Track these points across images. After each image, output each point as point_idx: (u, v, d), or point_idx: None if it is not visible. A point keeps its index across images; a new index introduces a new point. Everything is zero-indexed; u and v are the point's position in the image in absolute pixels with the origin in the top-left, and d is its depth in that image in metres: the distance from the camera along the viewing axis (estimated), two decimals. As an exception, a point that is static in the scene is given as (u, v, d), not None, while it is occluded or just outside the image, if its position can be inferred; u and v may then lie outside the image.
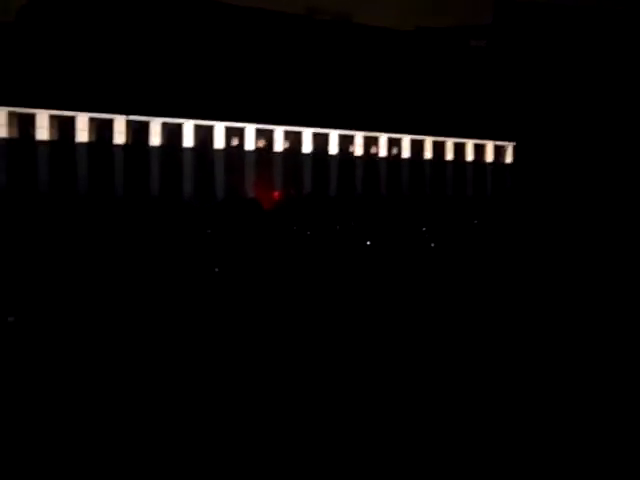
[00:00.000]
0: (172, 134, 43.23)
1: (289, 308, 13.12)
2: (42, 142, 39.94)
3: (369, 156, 48.43)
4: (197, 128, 43.57)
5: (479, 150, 51.84)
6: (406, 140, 49.14)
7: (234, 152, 44.54)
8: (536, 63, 50.11)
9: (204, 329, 11.21)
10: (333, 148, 47.09)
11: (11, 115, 39.64)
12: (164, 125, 42.84)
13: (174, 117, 42.70)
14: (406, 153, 49.25)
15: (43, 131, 39.97)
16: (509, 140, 51.61)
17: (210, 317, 12.18)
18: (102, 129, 41.65)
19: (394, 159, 49.28)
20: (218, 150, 44.00)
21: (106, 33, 42.13)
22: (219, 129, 43.90)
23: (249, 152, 44.73)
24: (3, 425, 7.05)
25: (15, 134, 39.81)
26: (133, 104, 41.58)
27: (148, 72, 42.69)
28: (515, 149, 51.33)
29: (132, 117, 41.73)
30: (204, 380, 8.54)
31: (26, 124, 40.14)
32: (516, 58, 51.31)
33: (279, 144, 45.35)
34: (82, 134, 40.93)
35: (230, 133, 44.41)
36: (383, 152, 48.77)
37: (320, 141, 46.83)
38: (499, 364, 9.37)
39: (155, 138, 42.58)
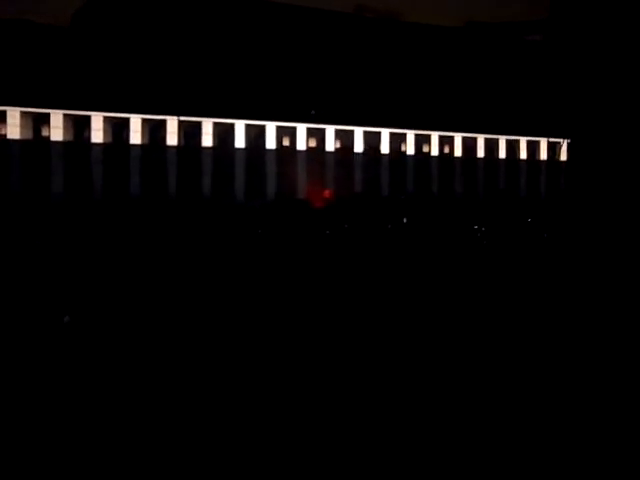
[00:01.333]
0: (224, 134, 43.63)
1: (332, 305, 13.19)
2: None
3: (421, 154, 48.16)
4: (248, 128, 43.88)
5: (533, 147, 51.15)
6: (458, 138, 48.72)
7: (286, 152, 44.76)
8: (593, 58, 49.14)
9: (250, 323, 11.36)
10: (384, 147, 46.95)
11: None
12: (215, 125, 43.26)
13: (226, 117, 43.07)
14: (458, 151, 48.87)
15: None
16: (564, 137, 50.78)
17: (260, 311, 12.33)
18: (155, 130, 42.27)
19: (445, 157, 48.94)
20: (270, 150, 44.25)
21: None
22: (270, 129, 44.16)
23: (301, 152, 44.87)
24: (6, 423, 7.27)
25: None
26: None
27: (196, 73, 43.15)
28: (570, 146, 50.47)
29: (183, 118, 42.24)
30: (221, 378, 8.69)
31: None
32: (572, 53, 50.41)
33: (330, 143, 45.41)
34: (136, 135, 41.58)
35: (281, 133, 44.65)
36: (435, 151, 48.44)
37: (372, 140, 46.73)
38: (556, 361, 9.33)
39: (207, 138, 43.04)
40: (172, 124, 42.17)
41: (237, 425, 7.27)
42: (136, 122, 41.56)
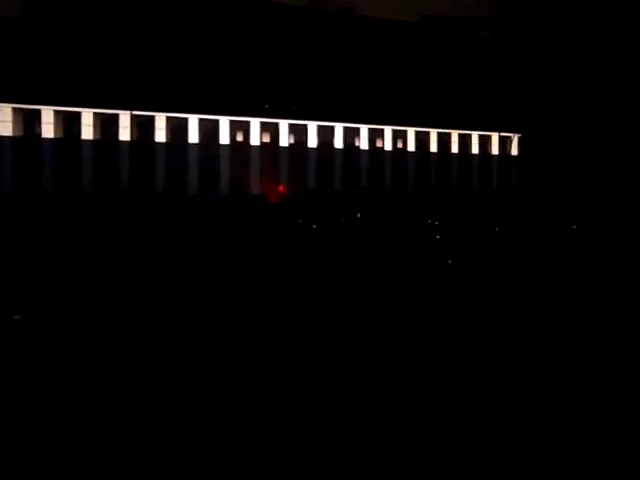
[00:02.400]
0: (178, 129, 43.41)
1: (293, 302, 13.28)
2: (48, 139, 40.18)
3: (373, 149, 48.47)
4: (202, 122, 43.71)
5: (484, 142, 51.84)
6: (411, 133, 49.11)
7: (239, 146, 44.68)
8: (542, 53, 50.03)
9: (206, 324, 11.41)
10: (338, 141, 47.16)
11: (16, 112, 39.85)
12: (169, 120, 43.00)
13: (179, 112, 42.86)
14: (411, 146, 49.26)
15: (49, 127, 40.19)
16: (515, 132, 51.65)
17: (213, 311, 12.37)
18: (107, 126, 41.87)
19: (398, 152, 49.29)
20: (224, 145, 44.16)
21: (105, 30, 42.29)
22: (224, 124, 44.04)
23: (255, 146, 44.86)
24: (4, 424, 7.33)
25: (21, 132, 40.08)
26: (137, 100, 41.76)
27: (150, 68, 42.83)
28: (521, 140, 51.35)
29: (137, 112, 41.91)
30: (203, 377, 8.77)
31: (32, 120, 40.38)
32: (522, 48, 51.22)
33: (284, 138, 45.46)
34: (87, 130, 41.17)
35: (235, 127, 44.55)
36: (388, 145, 48.77)
37: (326, 134, 46.89)
38: (501, 359, 9.58)
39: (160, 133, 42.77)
40: (124, 119, 41.81)
41: (236, 426, 7.41)
42: (87, 116, 41.13)
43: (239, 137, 44.94)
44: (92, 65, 41.18)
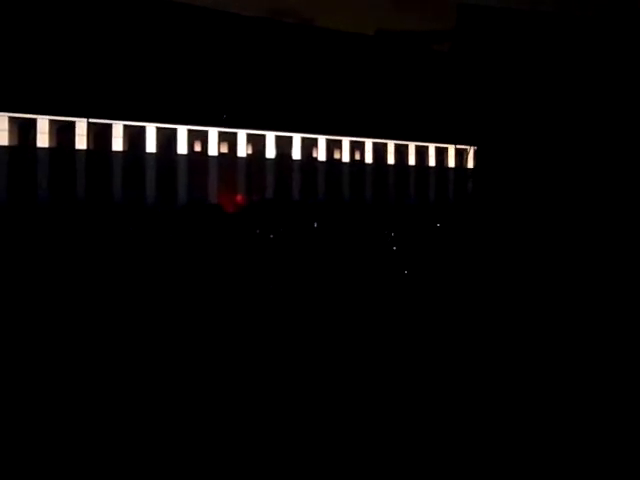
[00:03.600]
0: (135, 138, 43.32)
1: (249, 311, 13.37)
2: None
3: (331, 160, 48.91)
4: (159, 131, 43.70)
5: (441, 154, 52.67)
6: (368, 144, 49.72)
7: (197, 156, 44.73)
8: (497, 67, 51.00)
9: (160, 335, 11.50)
10: (296, 152, 47.51)
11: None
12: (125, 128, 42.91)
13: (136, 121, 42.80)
14: (369, 157, 49.83)
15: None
16: (470, 144, 52.52)
17: (169, 322, 12.44)
18: (63, 133, 41.61)
19: (356, 164, 49.80)
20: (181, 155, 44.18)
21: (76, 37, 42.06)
22: (181, 133, 44.07)
23: (212, 156, 44.96)
24: (4, 425, 7.42)
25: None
26: (95, 108, 41.61)
27: (111, 75, 42.72)
28: (476, 153, 52.22)
29: (94, 120, 41.72)
30: (172, 385, 8.93)
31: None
32: (478, 62, 52.14)
33: (242, 148, 45.65)
34: (43, 137, 40.87)
35: (193, 137, 44.60)
36: (346, 157, 49.26)
37: (284, 145, 47.20)
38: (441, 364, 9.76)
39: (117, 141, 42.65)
40: (81, 126, 41.62)
41: (236, 425, 7.54)
42: (43, 124, 40.85)
43: (197, 147, 45.00)
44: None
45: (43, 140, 40.95)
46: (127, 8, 45.42)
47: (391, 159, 50.91)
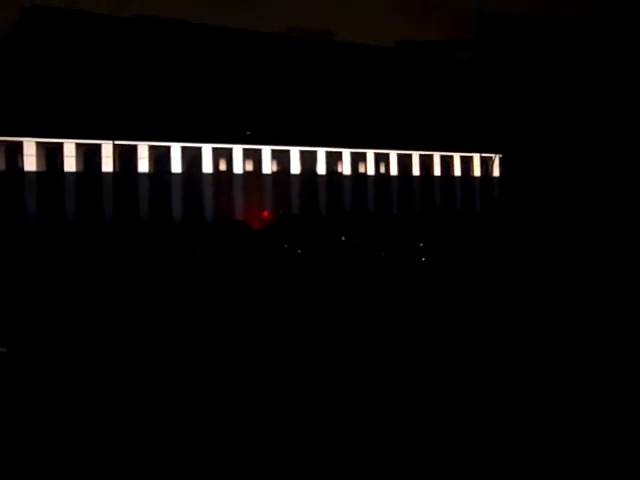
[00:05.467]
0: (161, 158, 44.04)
1: (280, 327, 13.47)
2: None
3: (356, 173, 49.15)
4: (184, 150, 44.32)
5: (466, 163, 52.64)
6: (393, 156, 49.83)
7: (223, 174, 45.29)
8: (520, 74, 51.16)
9: (191, 352, 11.64)
10: (321, 166, 47.83)
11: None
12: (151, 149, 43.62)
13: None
14: (394, 169, 49.95)
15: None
16: (496, 152, 52.57)
17: (200, 338, 12.57)
18: (90, 156, 42.46)
19: (382, 176, 49.93)
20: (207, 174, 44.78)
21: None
22: (207, 151, 44.68)
23: (238, 174, 45.49)
24: (7, 424, 7.71)
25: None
26: (119, 129, 42.39)
27: (134, 96, 43.55)
28: (502, 161, 52.29)
29: (118, 142, 42.51)
30: (192, 385, 9.15)
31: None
32: (500, 70, 52.33)
33: (267, 164, 46.10)
34: (70, 161, 41.72)
35: (217, 155, 45.19)
36: (371, 169, 49.45)
37: (308, 160, 47.53)
38: (492, 369, 9.87)
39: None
40: (107, 149, 42.42)
41: (236, 425, 7.78)
42: (70, 147, 41.70)
43: (222, 164, 45.60)
44: (69, 95, 41.84)
45: (70, 164, 41.80)
46: (151, 31, 46.39)
47: (416, 170, 51.09)
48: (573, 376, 9.68)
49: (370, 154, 49.36)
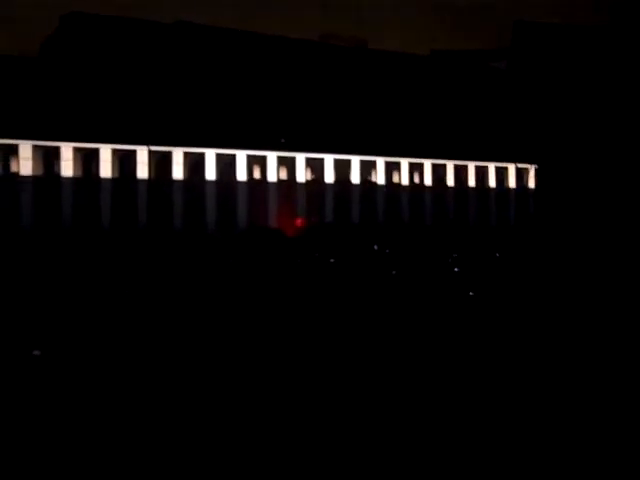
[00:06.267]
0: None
1: (312, 336, 13.77)
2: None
3: (390, 183, 49.21)
4: (219, 157, 44.82)
5: (501, 174, 52.47)
6: (427, 165, 49.82)
7: (256, 181, 45.71)
8: (557, 83, 51.12)
9: (225, 360, 11.86)
10: (355, 175, 48.03)
11: None
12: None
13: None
14: (428, 179, 49.93)
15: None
16: (531, 163, 52.41)
17: (232, 346, 12.79)
18: (124, 160, 43.19)
19: (415, 186, 49.88)
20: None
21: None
22: (241, 158, 45.15)
23: (272, 181, 45.87)
24: (9, 423, 7.94)
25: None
26: (154, 135, 43.01)
27: (169, 102, 44.24)
28: (537, 172, 52.14)
29: (153, 147, 43.12)
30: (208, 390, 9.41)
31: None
32: (537, 79, 52.34)
33: (301, 172, 46.41)
34: (105, 166, 42.45)
35: (251, 162, 45.63)
36: (405, 179, 49.44)
37: (342, 168, 47.77)
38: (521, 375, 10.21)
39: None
40: (142, 154, 43.11)
41: (236, 425, 8.00)
42: (106, 152, 42.44)
43: (256, 172, 46.06)
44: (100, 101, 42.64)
45: (106, 169, 42.53)
46: (187, 36, 47.12)
47: (450, 180, 51.06)
48: (602, 386, 9.81)
49: (404, 163, 49.43)
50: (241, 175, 45.17)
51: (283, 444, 7.51)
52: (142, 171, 43.04)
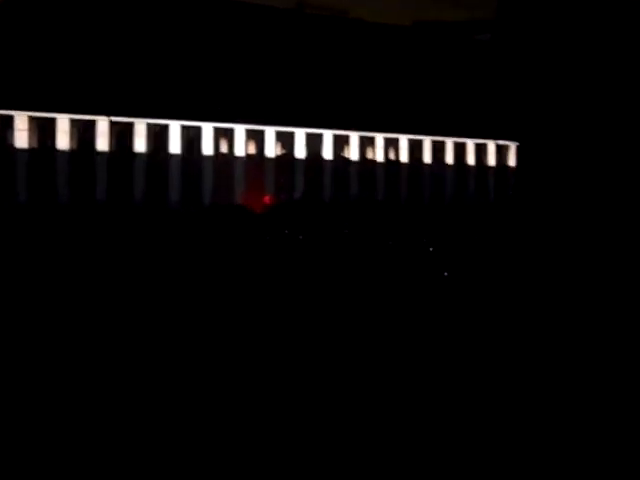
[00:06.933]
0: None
1: (279, 315, 13.50)
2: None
3: (364, 159, 48.76)
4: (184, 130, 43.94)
5: (481, 151, 52.21)
6: (403, 140, 49.48)
7: (223, 155, 44.97)
8: (542, 57, 50.42)
9: (192, 338, 11.77)
10: (327, 150, 47.45)
11: None
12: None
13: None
14: (404, 155, 49.61)
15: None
16: (512, 140, 52.01)
17: (196, 328, 12.64)
18: (84, 131, 42.05)
19: (390, 162, 49.56)
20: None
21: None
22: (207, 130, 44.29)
23: (239, 156, 45.14)
24: (5, 425, 7.73)
25: None
26: (116, 104, 41.95)
27: (131, 70, 43.05)
28: (518, 150, 51.64)
29: (114, 118, 42.04)
30: (198, 387, 9.21)
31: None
32: (521, 53, 51.65)
33: (270, 147, 45.76)
34: (63, 137, 41.25)
35: (218, 135, 44.77)
36: (380, 155, 49.10)
37: (314, 142, 47.19)
38: (496, 366, 9.91)
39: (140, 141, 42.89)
40: (102, 125, 41.96)
41: (236, 425, 7.85)
42: (63, 122, 41.23)
43: (223, 146, 45.21)
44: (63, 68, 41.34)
45: (63, 140, 41.31)
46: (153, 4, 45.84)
47: (427, 157, 50.57)
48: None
49: (379, 138, 48.86)
50: (207, 149, 44.20)
51: (274, 440, 7.50)
52: (102, 143, 41.84)
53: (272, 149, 45.85)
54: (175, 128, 43.52)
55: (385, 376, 9.82)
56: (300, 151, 46.58)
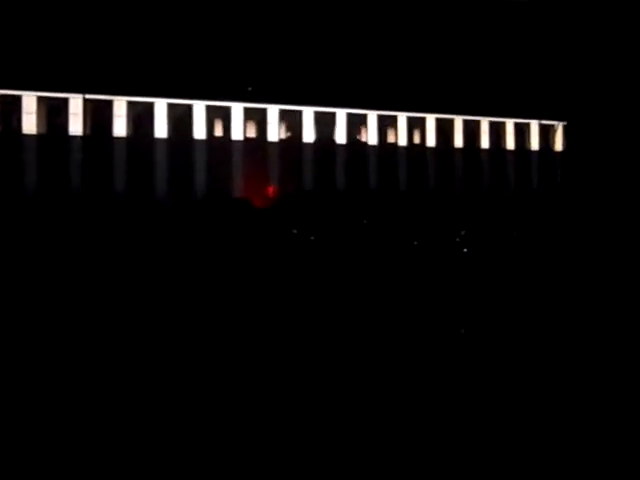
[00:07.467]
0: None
1: (285, 329, 13.76)
2: None
3: (384, 142, 48.74)
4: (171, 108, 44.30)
5: (522, 133, 52.09)
6: (430, 121, 49.30)
7: (218, 139, 45.22)
8: (593, 26, 50.66)
9: (188, 339, 12.47)
10: (340, 133, 47.54)
11: None
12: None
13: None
14: (431, 139, 49.54)
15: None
16: (559, 119, 52.03)
17: (190, 327, 13.29)
18: (54, 112, 42.58)
19: (415, 147, 49.38)
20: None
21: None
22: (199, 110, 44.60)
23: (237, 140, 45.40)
24: (4, 426, 8.47)
25: None
26: (91, 81, 42.41)
27: (115, 45, 43.52)
28: (566, 130, 51.81)
29: (89, 96, 42.52)
30: (198, 387, 9.95)
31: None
32: (569, 18, 51.89)
33: (273, 128, 45.90)
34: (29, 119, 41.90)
35: (212, 115, 45.11)
36: (402, 138, 48.99)
37: (327, 122, 47.28)
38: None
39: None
40: (75, 104, 42.51)
41: (236, 425, 8.54)
42: (29, 101, 41.82)
43: (217, 128, 45.53)
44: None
45: (29, 123, 41.92)
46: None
47: (459, 140, 50.66)
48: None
49: (402, 118, 48.94)
50: (199, 132, 44.69)
51: (273, 436, 8.25)
52: (75, 124, 42.44)
53: (275, 131, 46.23)
54: (161, 107, 44.01)
55: (401, 381, 10.55)
56: (309, 133, 46.93)
